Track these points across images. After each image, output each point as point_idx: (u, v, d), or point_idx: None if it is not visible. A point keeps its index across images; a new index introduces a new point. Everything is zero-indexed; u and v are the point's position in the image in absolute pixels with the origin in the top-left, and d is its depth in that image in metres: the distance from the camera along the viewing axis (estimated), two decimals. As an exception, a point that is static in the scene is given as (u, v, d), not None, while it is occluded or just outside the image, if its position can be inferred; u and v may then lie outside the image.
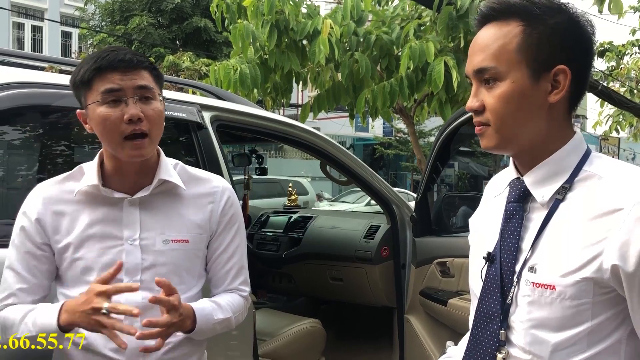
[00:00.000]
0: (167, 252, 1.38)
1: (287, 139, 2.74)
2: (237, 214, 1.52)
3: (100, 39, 17.89)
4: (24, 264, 1.35)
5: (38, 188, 1.41)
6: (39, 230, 1.36)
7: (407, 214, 3.10)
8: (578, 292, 0.93)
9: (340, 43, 4.85)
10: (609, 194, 0.93)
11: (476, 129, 1.03)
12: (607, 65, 9.78)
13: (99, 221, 1.36)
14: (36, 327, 1.27)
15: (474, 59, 1.01)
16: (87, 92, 1.32)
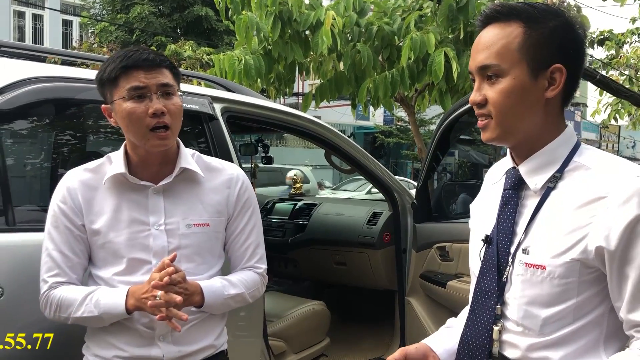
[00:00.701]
0: (190, 235, 1.51)
1: (293, 129, 2.84)
2: (251, 197, 1.64)
3: (102, 27, 17.88)
4: (67, 244, 1.47)
5: (71, 174, 1.52)
6: (76, 212, 1.48)
7: (408, 201, 3.21)
8: (566, 271, 1.04)
9: (342, 34, 4.92)
10: (595, 183, 1.04)
11: (479, 122, 1.13)
12: (607, 54, 9.82)
13: (126, 207, 1.48)
14: (99, 308, 1.41)
15: (477, 56, 1.10)
16: (113, 89, 1.44)
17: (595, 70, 7.53)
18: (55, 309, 1.45)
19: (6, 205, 1.71)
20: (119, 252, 1.46)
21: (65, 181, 1.51)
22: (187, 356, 1.50)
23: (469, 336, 1.17)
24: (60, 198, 1.49)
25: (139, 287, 1.40)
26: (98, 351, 1.50)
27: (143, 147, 1.46)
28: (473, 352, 1.14)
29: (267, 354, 2.39)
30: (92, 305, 1.41)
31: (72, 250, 1.48)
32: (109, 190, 1.50)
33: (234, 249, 1.62)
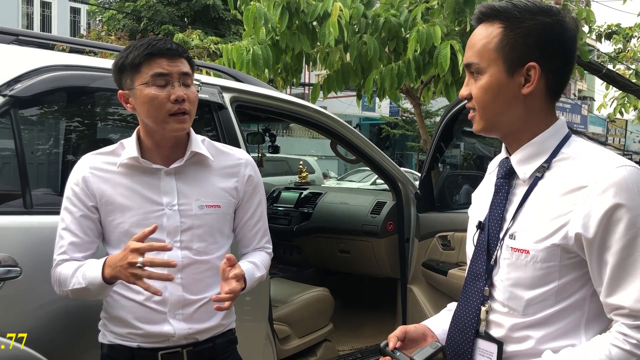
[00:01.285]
0: (202, 216, 1.58)
1: (300, 119, 2.89)
2: (259, 182, 1.73)
3: (109, 15, 17.90)
4: (76, 224, 1.54)
5: (85, 158, 1.59)
6: (88, 194, 1.54)
7: (412, 191, 3.26)
8: (547, 256, 1.10)
9: (349, 25, 4.95)
10: (578, 173, 1.10)
11: (469, 114, 1.21)
12: (614, 48, 9.79)
13: (140, 189, 1.55)
14: (85, 280, 1.47)
15: (466, 54, 1.19)
16: (134, 74, 1.50)
17: (601, 64, 7.53)
18: (59, 285, 1.53)
19: (24, 189, 1.78)
20: (132, 231, 1.52)
21: (80, 165, 1.58)
22: (196, 333, 1.57)
23: (459, 316, 1.24)
24: (75, 181, 1.56)
25: (115, 256, 1.43)
26: (113, 327, 1.57)
27: (161, 131, 1.53)
28: (462, 330, 1.21)
29: (272, 337, 2.46)
30: (80, 277, 1.47)
31: (82, 230, 1.55)
32: (123, 174, 1.56)
33: (246, 232, 1.71)
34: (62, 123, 2.22)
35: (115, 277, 1.43)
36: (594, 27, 8.09)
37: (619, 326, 1.05)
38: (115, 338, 1.57)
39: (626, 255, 1.04)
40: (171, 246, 1.43)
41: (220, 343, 1.64)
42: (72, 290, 1.50)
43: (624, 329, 1.05)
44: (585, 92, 30.74)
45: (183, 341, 1.56)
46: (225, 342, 1.66)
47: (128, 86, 1.53)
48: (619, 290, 1.05)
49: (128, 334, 1.55)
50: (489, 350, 1.17)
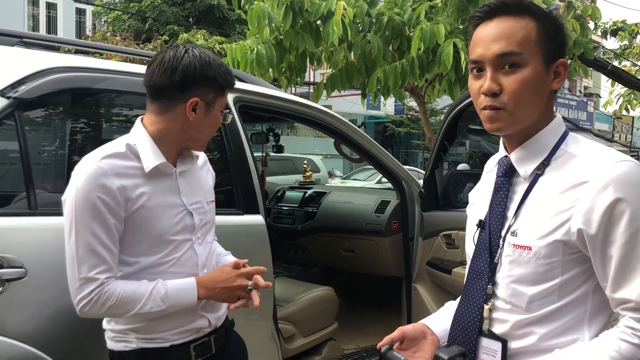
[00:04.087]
0: (209, 211, 1.67)
1: (304, 119, 2.90)
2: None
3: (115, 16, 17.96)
4: (111, 238, 1.44)
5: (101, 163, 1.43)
6: (120, 204, 1.43)
7: (416, 189, 3.26)
8: (550, 252, 1.11)
9: (353, 24, 4.95)
10: (579, 170, 1.11)
11: (486, 112, 1.14)
12: (620, 45, 9.75)
13: (163, 192, 1.54)
14: (168, 302, 1.47)
15: (493, 45, 1.11)
16: (218, 95, 1.56)
17: (607, 60, 7.50)
18: (112, 306, 1.43)
19: (29, 191, 1.79)
20: (164, 236, 1.52)
21: (98, 171, 1.42)
22: (218, 320, 1.68)
23: (461, 314, 1.23)
24: (101, 190, 1.41)
25: (210, 278, 1.57)
26: (149, 334, 1.54)
27: (194, 147, 1.61)
28: (465, 329, 1.21)
29: (277, 336, 2.47)
30: (160, 299, 1.46)
31: (115, 243, 1.46)
32: (147, 178, 1.50)
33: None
34: (66, 125, 2.23)
35: (210, 297, 1.56)
36: (599, 23, 8.05)
37: (627, 320, 1.06)
38: (145, 343, 1.54)
39: (630, 249, 1.05)
40: (264, 269, 1.63)
41: (228, 327, 1.74)
42: (141, 312, 1.46)
43: (631, 323, 1.05)
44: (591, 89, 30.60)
45: (211, 329, 1.64)
46: (229, 324, 1.76)
47: (209, 100, 1.53)
48: (625, 284, 1.06)
49: (161, 336, 1.54)
50: (493, 348, 1.17)
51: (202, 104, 1.51)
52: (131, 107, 2.29)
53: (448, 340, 1.26)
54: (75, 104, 2.16)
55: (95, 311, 1.43)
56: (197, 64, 1.49)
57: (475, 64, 1.16)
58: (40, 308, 1.72)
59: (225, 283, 1.56)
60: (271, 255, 2.37)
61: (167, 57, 1.50)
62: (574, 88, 28.57)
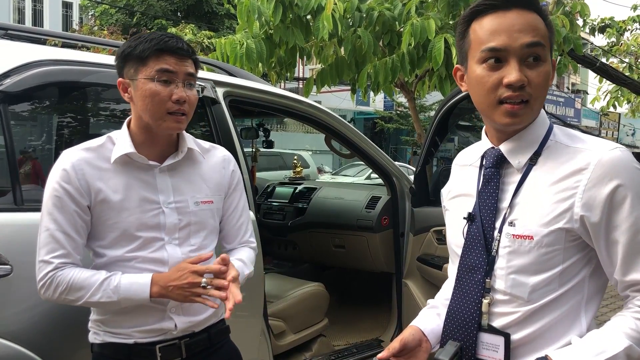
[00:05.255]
0: (198, 212, 1.58)
1: (294, 114, 2.88)
2: (240, 177, 1.75)
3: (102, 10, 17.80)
4: (71, 225, 1.46)
5: (71, 154, 1.49)
6: (81, 193, 1.46)
7: (407, 185, 3.26)
8: (552, 240, 1.11)
9: (343, 19, 4.92)
10: (574, 157, 1.12)
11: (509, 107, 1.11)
12: (608, 41, 9.82)
13: (135, 187, 1.51)
14: (119, 294, 1.44)
15: (522, 35, 1.08)
16: (139, 66, 1.48)
17: (595, 57, 7.54)
18: (63, 291, 1.45)
19: (14, 186, 1.76)
20: (130, 231, 1.50)
21: (66, 160, 1.48)
22: (194, 325, 1.59)
23: (456, 310, 1.21)
24: (64, 178, 1.46)
25: (165, 275, 1.47)
26: (107, 327, 1.54)
27: (155, 128, 1.50)
28: (462, 325, 1.19)
29: (267, 333, 2.46)
30: (111, 291, 1.45)
31: (77, 231, 1.48)
32: (117, 171, 1.50)
33: (230, 225, 1.71)
34: (53, 118, 2.20)
35: (165, 296, 1.46)
36: (587, 20, 8.09)
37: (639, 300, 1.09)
38: (110, 337, 1.54)
39: (636, 232, 1.07)
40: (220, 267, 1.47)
41: (215, 332, 1.65)
42: (92, 302, 1.46)
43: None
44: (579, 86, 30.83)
45: (180, 333, 1.56)
46: (218, 331, 1.67)
47: (130, 76, 1.50)
48: (634, 266, 1.09)
49: (125, 332, 1.53)
50: (495, 343, 1.16)
51: (128, 82, 1.51)
52: (118, 101, 2.26)
53: (442, 339, 1.24)
54: (62, 97, 2.12)
55: (49, 295, 1.47)
56: (120, 49, 1.52)
57: (495, 53, 1.11)
58: (26, 305, 1.69)
59: (178, 281, 1.44)
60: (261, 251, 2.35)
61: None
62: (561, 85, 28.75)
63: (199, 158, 1.62)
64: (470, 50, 1.16)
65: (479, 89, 1.14)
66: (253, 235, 1.78)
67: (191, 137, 1.64)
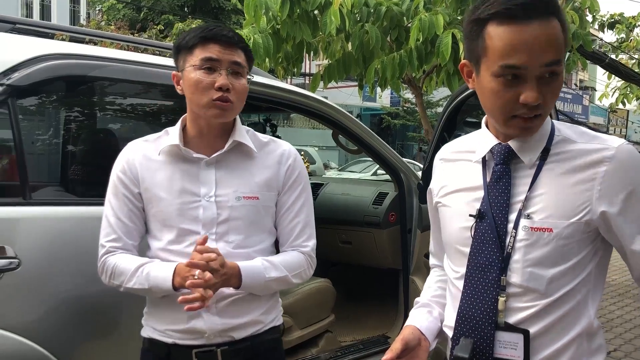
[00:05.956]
0: (239, 207, 1.52)
1: (301, 109, 2.86)
2: (302, 174, 1.64)
3: (109, 5, 17.83)
4: (124, 211, 1.53)
5: (130, 145, 1.59)
6: (133, 182, 1.53)
7: (414, 181, 3.24)
8: (571, 232, 1.12)
9: (351, 14, 4.90)
10: (587, 151, 1.13)
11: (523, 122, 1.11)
12: (617, 38, 9.74)
13: (178, 178, 1.52)
14: (150, 282, 1.46)
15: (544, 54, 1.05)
16: (187, 56, 1.50)
17: (604, 53, 7.49)
18: (110, 276, 1.51)
19: (23, 180, 1.76)
20: (169, 222, 1.50)
21: (125, 151, 1.58)
22: (231, 330, 1.51)
23: (469, 310, 1.19)
24: (120, 168, 1.55)
25: (184, 266, 1.42)
26: (152, 322, 1.55)
27: (203, 116, 1.50)
28: (476, 325, 1.17)
29: (273, 328, 2.45)
30: (143, 277, 1.46)
31: (129, 217, 1.53)
32: (164, 161, 1.54)
33: (282, 225, 1.61)
34: (61, 112, 2.20)
35: (184, 286, 1.40)
36: (597, 16, 8.03)
37: None
38: (153, 333, 1.54)
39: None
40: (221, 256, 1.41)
41: (260, 342, 1.55)
42: (129, 288, 1.49)
43: None
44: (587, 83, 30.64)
45: (218, 339, 1.50)
46: (265, 341, 1.57)
47: (181, 67, 1.52)
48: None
49: (165, 330, 1.52)
50: (513, 341, 1.14)
51: (179, 74, 1.54)
52: (125, 95, 2.26)
53: (454, 339, 1.21)
54: (70, 91, 2.12)
55: (104, 279, 1.54)
56: (177, 40, 1.56)
57: (513, 70, 1.07)
58: (34, 299, 1.70)
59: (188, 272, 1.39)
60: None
61: None
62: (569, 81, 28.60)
63: (251, 152, 1.57)
64: (486, 59, 1.10)
65: (493, 101, 1.12)
66: (310, 239, 1.64)
67: (248, 131, 1.62)
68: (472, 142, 1.28)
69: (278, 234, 1.63)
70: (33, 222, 1.73)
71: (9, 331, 1.63)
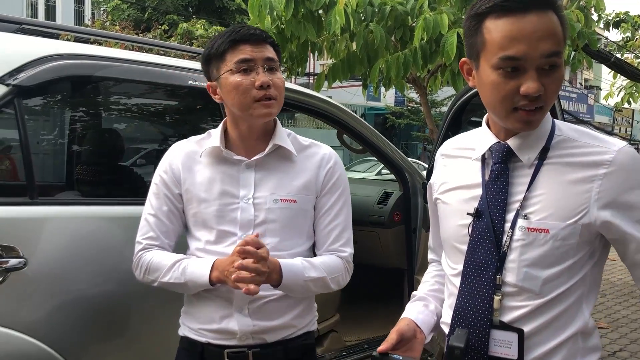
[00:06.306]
0: (276, 210, 1.51)
1: (306, 109, 2.86)
2: (341, 178, 1.62)
3: (114, 5, 17.86)
4: (162, 211, 1.55)
5: (174, 146, 1.61)
6: (174, 182, 1.55)
7: (419, 181, 3.24)
8: (568, 234, 1.11)
9: (355, 13, 4.90)
10: (587, 152, 1.13)
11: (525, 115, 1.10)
12: (622, 36, 9.70)
13: (219, 180, 1.53)
14: (186, 277, 1.46)
15: (542, 44, 1.05)
16: (220, 63, 1.49)
17: (610, 52, 7.46)
18: (145, 271, 1.53)
19: (29, 180, 1.76)
20: (208, 223, 1.51)
21: (168, 153, 1.61)
22: (262, 332, 1.50)
23: (465, 308, 1.19)
24: (163, 168, 1.58)
25: (223, 260, 1.42)
26: (189, 322, 1.56)
27: (248, 118, 1.50)
28: (473, 322, 1.17)
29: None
30: (179, 272, 1.47)
31: (168, 217, 1.55)
32: (206, 164, 1.55)
33: (319, 229, 1.59)
34: (66, 112, 2.21)
35: (222, 281, 1.41)
36: (602, 15, 8.00)
37: None
38: (189, 332, 1.55)
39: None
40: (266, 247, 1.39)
41: (293, 347, 1.54)
42: (164, 283, 1.50)
43: None
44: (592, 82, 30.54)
45: (250, 340, 1.49)
46: (298, 346, 1.55)
47: (215, 76, 1.52)
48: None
49: (199, 329, 1.53)
50: (507, 339, 1.15)
51: (214, 84, 1.53)
52: (130, 95, 2.27)
53: (450, 337, 1.21)
54: (76, 91, 2.13)
55: (138, 274, 1.55)
56: (204, 50, 1.54)
57: (513, 62, 1.07)
58: (39, 299, 1.70)
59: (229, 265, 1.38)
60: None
61: None
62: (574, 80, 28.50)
63: (291, 155, 1.56)
64: (485, 52, 1.11)
65: (494, 95, 1.12)
66: (347, 245, 1.62)
67: (290, 134, 1.61)
68: (472, 140, 1.28)
69: (316, 237, 1.60)
70: (39, 222, 1.74)
71: (15, 330, 1.64)
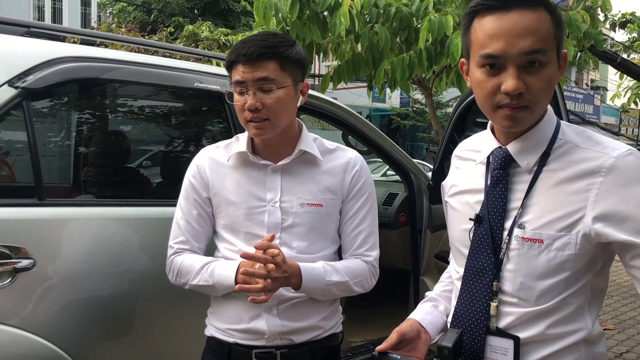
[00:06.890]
0: (302, 214, 1.53)
1: (311, 110, 2.86)
2: (367, 182, 1.63)
3: (120, 8, 17.93)
4: (192, 215, 1.59)
5: (203, 151, 1.65)
6: (203, 186, 1.59)
7: (424, 182, 3.24)
8: (563, 244, 1.09)
9: (360, 15, 4.90)
10: (586, 159, 1.09)
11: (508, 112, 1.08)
12: (629, 37, 9.66)
13: (246, 183, 1.55)
14: (214, 279, 1.50)
15: (520, 41, 1.03)
16: (230, 77, 1.52)
17: (616, 53, 7.44)
18: (177, 275, 1.57)
19: (37, 181, 1.78)
20: (236, 225, 1.54)
21: (197, 156, 1.64)
22: (290, 333, 1.51)
23: (462, 314, 1.19)
24: (192, 173, 1.61)
25: (248, 262, 1.42)
26: (216, 322, 1.58)
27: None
28: (469, 329, 1.17)
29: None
30: (208, 274, 1.50)
31: (198, 221, 1.59)
32: (233, 167, 1.58)
33: (345, 233, 1.60)
34: (74, 114, 2.22)
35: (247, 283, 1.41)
36: (609, 15, 7.97)
37: None
38: (215, 332, 1.57)
39: None
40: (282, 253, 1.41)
41: (319, 349, 1.55)
42: (194, 285, 1.54)
43: None
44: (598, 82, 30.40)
45: (277, 341, 1.50)
46: (324, 348, 1.57)
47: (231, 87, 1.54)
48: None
49: (227, 329, 1.54)
50: (503, 346, 1.14)
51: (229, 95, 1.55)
52: (136, 97, 2.28)
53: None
54: (83, 94, 2.14)
55: (170, 277, 1.59)
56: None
57: (492, 60, 1.07)
58: (48, 299, 1.72)
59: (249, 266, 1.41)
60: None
61: None
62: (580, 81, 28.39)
63: (316, 161, 1.57)
64: (471, 51, 1.12)
65: (478, 93, 1.12)
66: (373, 249, 1.61)
67: (316, 138, 1.63)
68: (479, 142, 1.27)
69: (341, 241, 1.61)
70: (48, 223, 1.75)
71: (24, 330, 1.65)
